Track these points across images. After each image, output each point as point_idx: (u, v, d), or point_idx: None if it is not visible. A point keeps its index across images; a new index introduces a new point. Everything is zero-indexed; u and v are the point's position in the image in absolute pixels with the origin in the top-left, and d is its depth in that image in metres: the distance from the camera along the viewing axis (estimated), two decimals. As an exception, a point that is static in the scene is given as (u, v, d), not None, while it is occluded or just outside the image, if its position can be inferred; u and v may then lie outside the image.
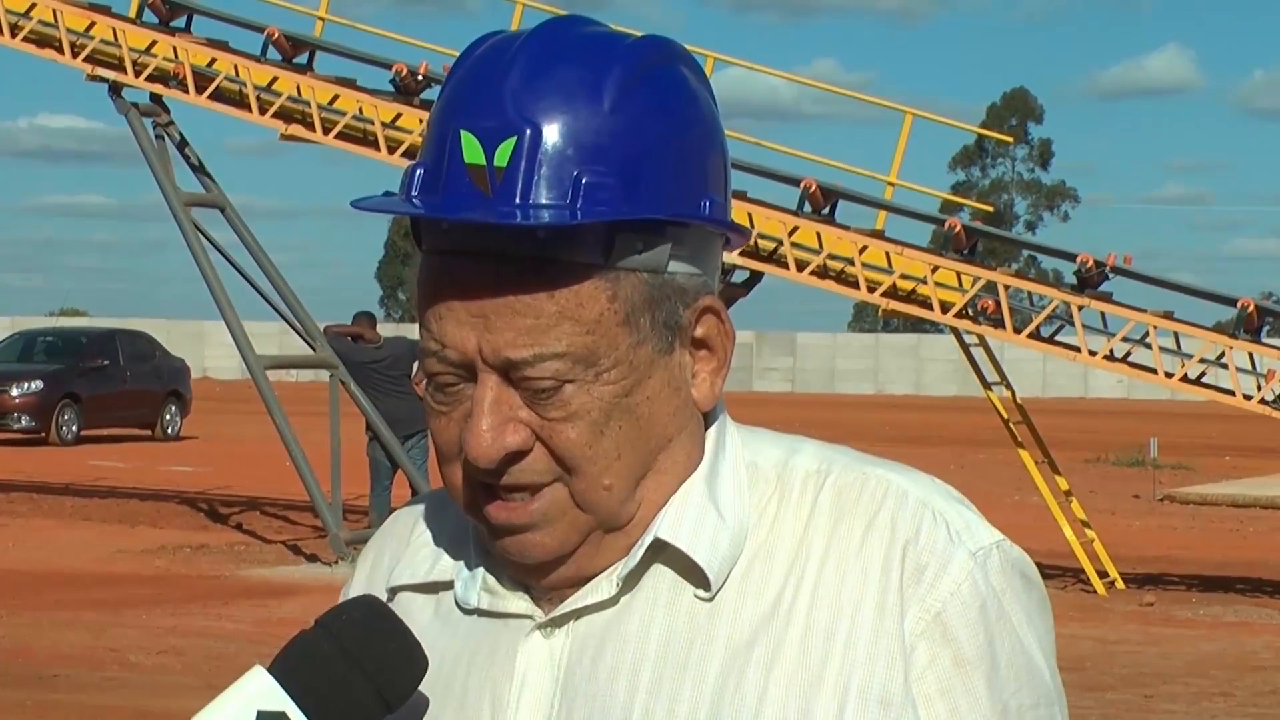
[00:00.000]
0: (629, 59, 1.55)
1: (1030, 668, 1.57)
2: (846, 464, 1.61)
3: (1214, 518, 23.81)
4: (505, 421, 1.52)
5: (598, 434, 1.53)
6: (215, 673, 11.28)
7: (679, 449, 1.58)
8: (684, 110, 1.56)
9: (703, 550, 1.56)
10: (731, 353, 1.60)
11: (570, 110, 1.51)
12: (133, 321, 52.64)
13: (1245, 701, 11.66)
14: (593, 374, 1.52)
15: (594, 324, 1.51)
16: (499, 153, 1.50)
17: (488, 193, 1.50)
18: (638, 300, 1.53)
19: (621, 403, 1.53)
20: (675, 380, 1.56)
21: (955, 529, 1.57)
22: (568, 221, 1.49)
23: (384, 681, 1.53)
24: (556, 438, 1.53)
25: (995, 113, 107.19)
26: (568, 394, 1.52)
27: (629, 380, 1.53)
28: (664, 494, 1.57)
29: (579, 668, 1.57)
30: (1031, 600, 1.59)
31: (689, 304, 1.56)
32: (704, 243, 1.58)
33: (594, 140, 1.51)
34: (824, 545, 1.57)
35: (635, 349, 1.53)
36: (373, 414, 17.49)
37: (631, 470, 1.55)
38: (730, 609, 1.56)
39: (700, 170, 1.56)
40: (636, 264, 1.53)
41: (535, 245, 1.50)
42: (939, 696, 1.53)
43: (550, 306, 1.50)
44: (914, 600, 1.54)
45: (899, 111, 17.77)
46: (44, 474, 25.06)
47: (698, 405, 1.59)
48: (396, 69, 17.75)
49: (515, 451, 1.53)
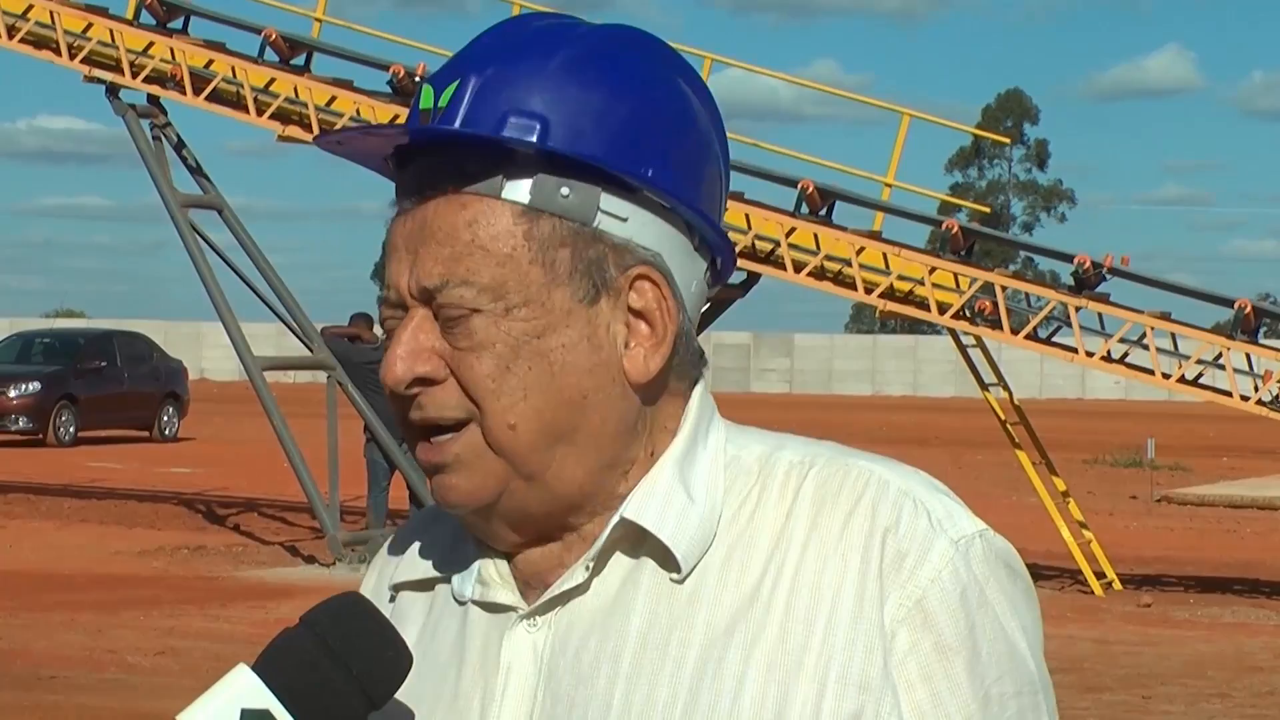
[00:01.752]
0: (587, 38, 1.60)
1: (1013, 656, 1.57)
2: (830, 457, 1.62)
3: (1211, 519, 23.82)
4: (420, 350, 1.57)
5: (504, 369, 1.55)
6: (213, 674, 11.11)
7: (595, 412, 1.58)
8: (635, 83, 1.59)
9: (669, 529, 1.57)
10: (673, 333, 1.59)
11: (516, 67, 1.58)
12: (130, 323, 52.64)
13: (1243, 702, 11.66)
14: (501, 307, 1.55)
15: (505, 257, 1.55)
16: (443, 95, 1.58)
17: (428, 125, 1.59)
18: (554, 241, 1.56)
19: (532, 343, 1.55)
20: (598, 339, 1.57)
21: (937, 517, 1.57)
22: (481, 134, 1.55)
23: (368, 678, 1.54)
24: (464, 369, 1.56)
25: (990, 114, 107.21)
26: (475, 324, 1.55)
27: (540, 321, 1.55)
28: (584, 459, 1.58)
29: (562, 658, 1.59)
30: (1015, 589, 1.59)
31: (623, 267, 1.58)
32: (661, 223, 1.59)
33: (535, 92, 1.57)
34: (805, 534, 1.57)
35: (548, 290, 1.55)
36: (370, 415, 17.49)
37: (540, 416, 1.56)
38: (710, 596, 1.57)
39: (649, 140, 1.58)
40: (558, 208, 1.56)
41: (463, 177, 1.56)
42: (920, 682, 1.54)
43: (466, 235, 1.55)
44: (894, 587, 1.54)
45: (896, 113, 17.79)
46: (41, 475, 25.06)
47: (629, 377, 1.59)
48: (393, 70, 17.76)
49: (425, 378, 1.57)
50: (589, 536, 1.60)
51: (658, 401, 1.61)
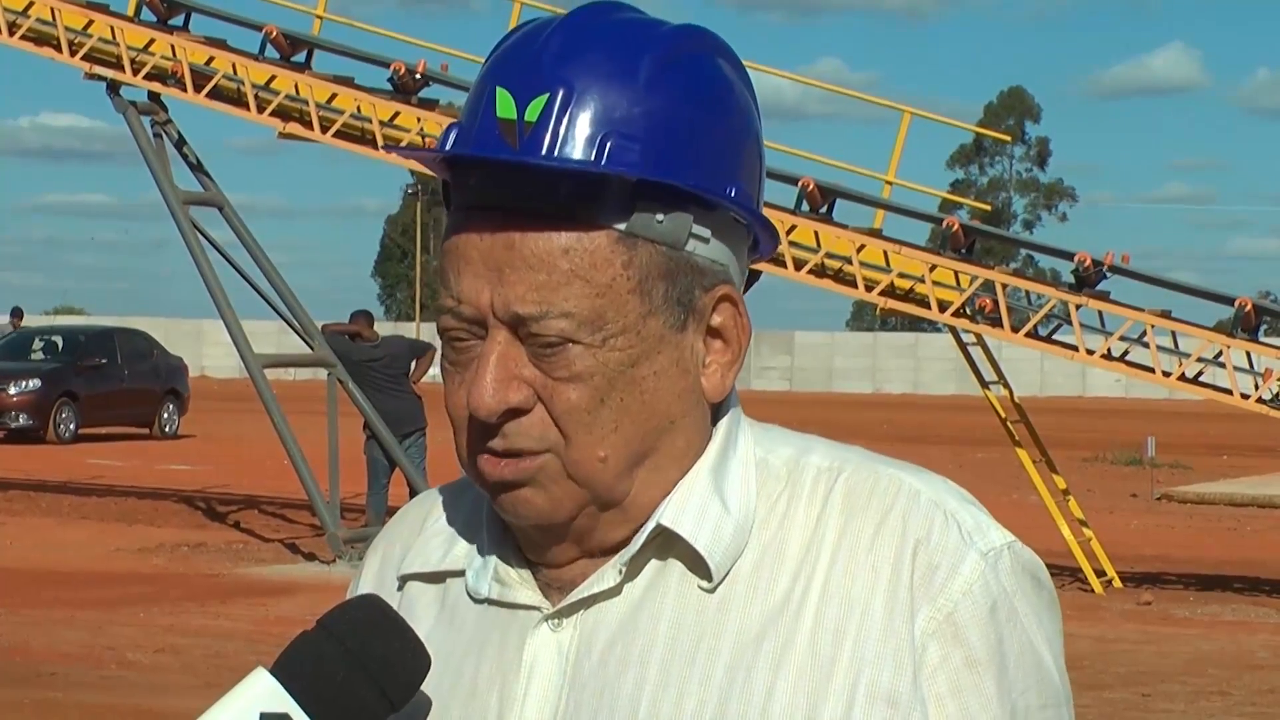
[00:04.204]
0: (666, 42, 1.57)
1: (1039, 669, 1.57)
2: (859, 463, 1.61)
3: (1211, 517, 23.81)
4: (510, 377, 1.53)
5: (598, 400, 1.53)
6: (213, 671, 11.29)
7: (680, 435, 1.57)
8: (717, 97, 1.57)
9: (704, 539, 1.56)
10: (746, 347, 1.60)
11: (604, 78, 1.53)
12: (130, 320, 52.63)
13: (1243, 700, 11.66)
14: (599, 338, 1.52)
15: (605, 287, 1.52)
16: (530, 108, 1.52)
17: (515, 146, 1.52)
18: (652, 270, 1.53)
19: (626, 373, 1.53)
20: (685, 362, 1.56)
21: (967, 530, 1.57)
22: (589, 169, 1.50)
23: (387, 681, 1.53)
24: (558, 398, 1.53)
25: (992, 112, 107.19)
26: (572, 354, 1.52)
27: (635, 350, 1.53)
28: (662, 480, 1.57)
29: (587, 660, 1.57)
30: (1041, 601, 1.60)
31: (707, 288, 1.56)
32: (729, 233, 1.58)
33: (625, 109, 1.52)
34: (835, 543, 1.57)
35: (645, 319, 1.53)
36: (371, 413, 17.48)
37: (629, 446, 1.54)
38: (740, 604, 1.56)
39: (729, 157, 1.57)
40: (655, 234, 1.53)
41: (556, 202, 1.51)
42: (950, 696, 1.53)
43: (564, 264, 1.51)
44: (925, 600, 1.54)
45: (898, 111, 17.78)
46: (42, 472, 25.04)
47: (706, 395, 1.58)
48: (395, 67, 17.74)
49: (515, 409, 1.53)
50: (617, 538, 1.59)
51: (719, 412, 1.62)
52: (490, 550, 1.63)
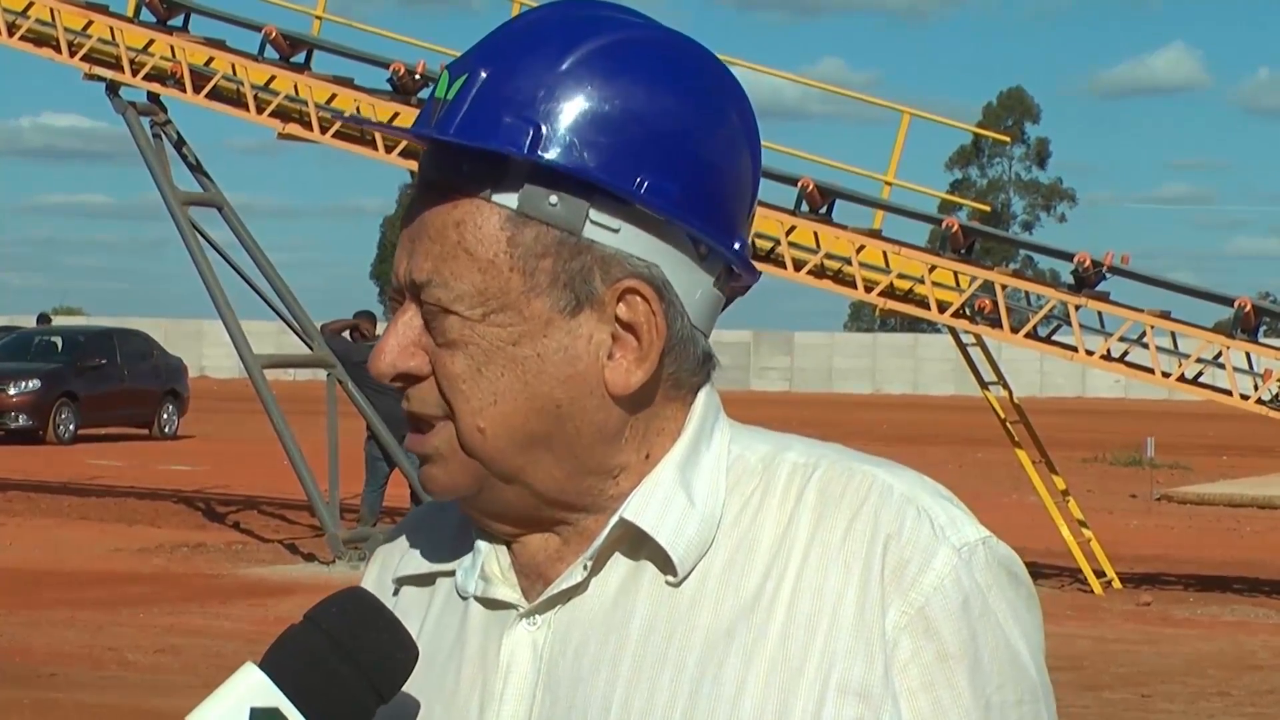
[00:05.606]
0: (616, 33, 1.57)
1: (1015, 664, 1.56)
2: (834, 459, 1.61)
3: (1211, 517, 23.82)
4: (408, 344, 1.58)
5: (475, 370, 1.56)
6: (213, 671, 11.28)
7: (572, 422, 1.57)
8: (653, 93, 1.56)
9: (666, 532, 1.56)
10: (659, 348, 1.57)
11: (526, 63, 1.56)
12: (130, 320, 52.64)
13: (1242, 701, 11.67)
14: (479, 312, 1.55)
15: (488, 263, 1.55)
16: (451, 87, 1.57)
17: (432, 121, 1.58)
18: (536, 250, 1.55)
19: (506, 350, 1.55)
20: (575, 349, 1.56)
21: (939, 524, 1.56)
22: (471, 143, 1.54)
23: (376, 672, 1.54)
24: (440, 366, 1.57)
25: (992, 112, 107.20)
26: (452, 324, 1.56)
27: (517, 329, 1.55)
28: (571, 468, 1.57)
29: (562, 658, 1.58)
30: (1018, 597, 1.58)
31: (611, 277, 1.55)
32: (652, 230, 1.56)
33: (532, 93, 1.54)
34: (807, 539, 1.56)
35: (527, 298, 1.55)
36: (370, 413, 17.49)
37: (508, 422, 1.56)
38: (712, 600, 1.56)
39: (645, 150, 1.55)
40: (546, 216, 1.54)
41: (460, 177, 1.56)
42: (922, 690, 1.53)
43: (454, 236, 1.56)
44: (896, 595, 1.54)
45: (898, 111, 17.79)
46: (41, 473, 25.05)
47: (608, 388, 1.57)
48: (394, 68, 17.75)
49: (409, 373, 1.59)
50: (589, 534, 1.60)
51: (648, 409, 1.59)
52: (478, 547, 1.65)
